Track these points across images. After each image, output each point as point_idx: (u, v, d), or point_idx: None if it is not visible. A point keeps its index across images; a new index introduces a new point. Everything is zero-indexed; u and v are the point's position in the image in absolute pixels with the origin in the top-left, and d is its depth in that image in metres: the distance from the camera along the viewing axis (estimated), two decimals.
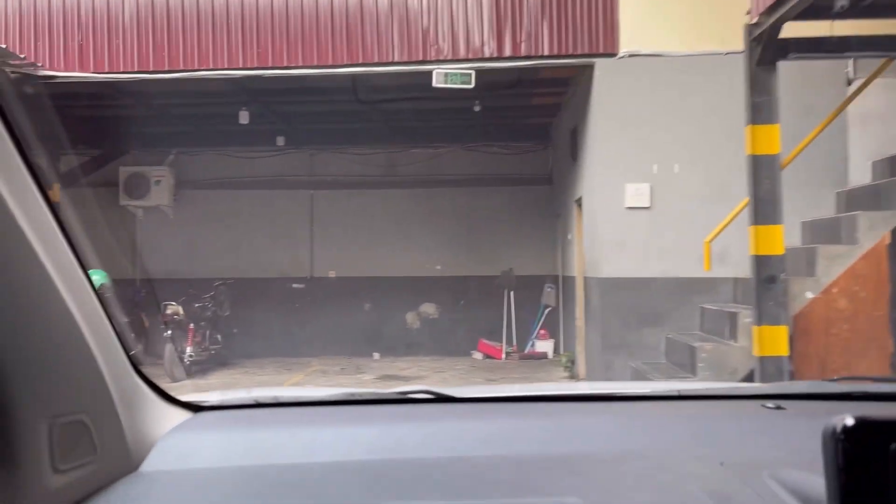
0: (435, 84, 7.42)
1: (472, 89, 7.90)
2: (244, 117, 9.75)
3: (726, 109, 7.08)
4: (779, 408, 1.37)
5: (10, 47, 7.69)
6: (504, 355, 11.37)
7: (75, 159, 11.35)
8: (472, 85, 7.52)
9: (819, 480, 0.74)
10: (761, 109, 5.70)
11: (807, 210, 6.82)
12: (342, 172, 12.24)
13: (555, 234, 11.63)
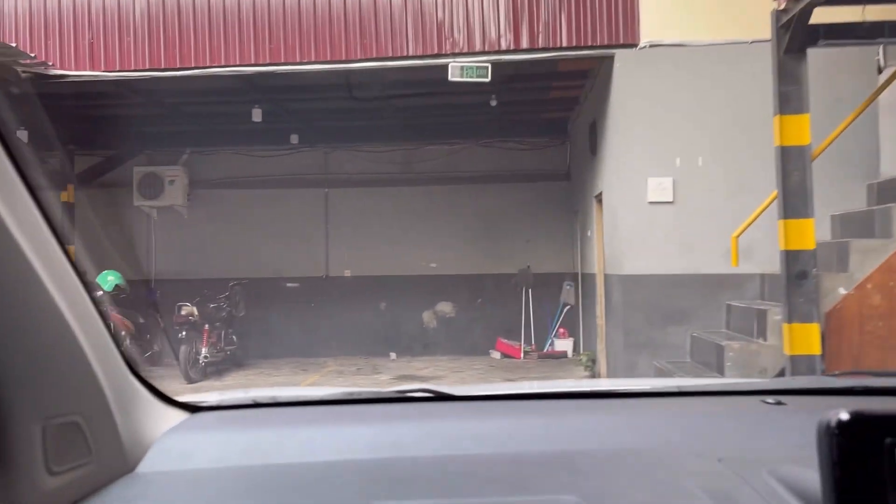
0: (451, 78, 7.26)
1: (489, 84, 7.73)
2: (257, 115, 9.65)
3: (751, 100, 6.90)
4: (779, 403, 1.36)
5: (20, 46, 7.59)
6: (523, 354, 11.20)
7: (89, 160, 11.32)
8: (489, 78, 7.35)
9: (818, 476, 0.74)
10: (790, 99, 5.54)
11: (836, 203, 6.61)
12: (357, 170, 12.12)
13: (573, 230, 11.44)
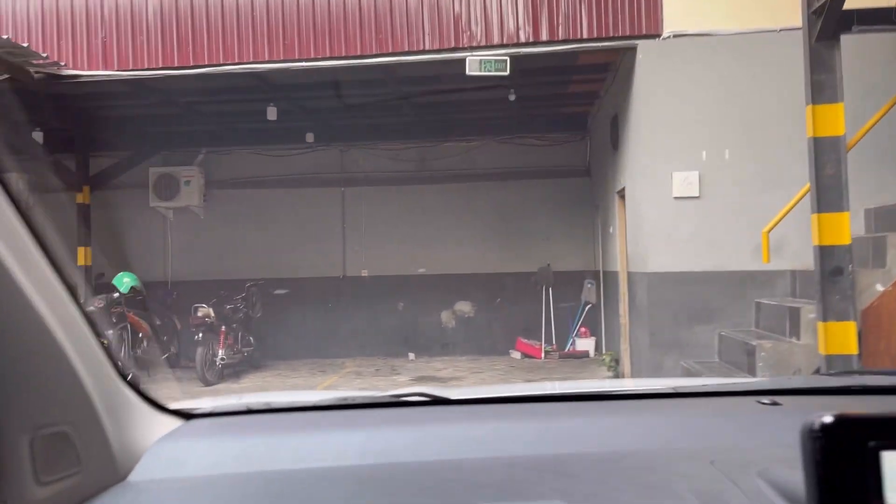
0: (469, 72, 7.08)
1: (507, 78, 7.55)
2: (272, 113, 9.52)
3: (780, 90, 6.67)
4: (774, 403, 1.34)
5: (32, 46, 7.50)
6: (543, 354, 11.00)
7: (105, 161, 11.26)
8: (508, 72, 7.16)
9: None
10: (823, 88, 5.33)
11: (870, 196, 6.36)
12: (373, 169, 11.97)
13: (594, 227, 11.22)
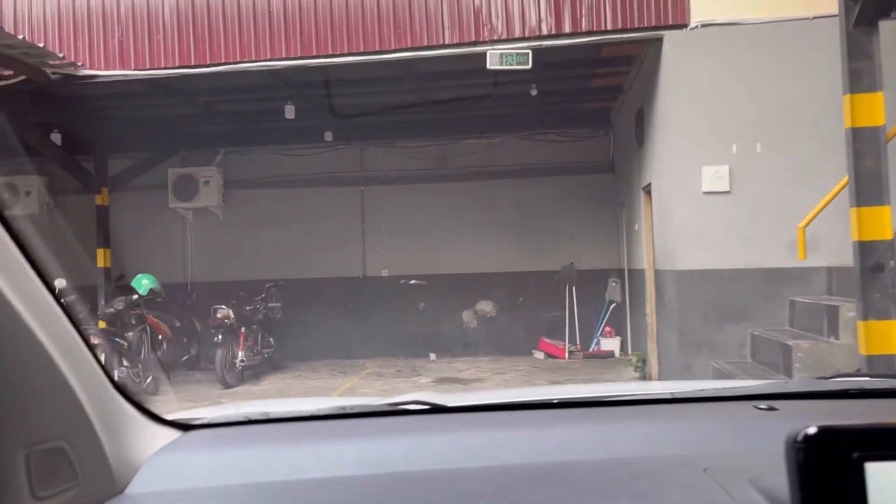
0: (490, 66, 6.90)
1: (528, 73, 7.37)
2: (290, 112, 9.40)
3: (814, 80, 6.43)
4: (771, 409, 1.33)
5: (48, 46, 7.43)
6: (567, 354, 10.79)
7: (123, 162, 11.22)
8: (529, 65, 6.96)
9: None
10: (861, 76, 5.09)
11: None
12: (392, 167, 11.83)
13: (618, 224, 11.00)
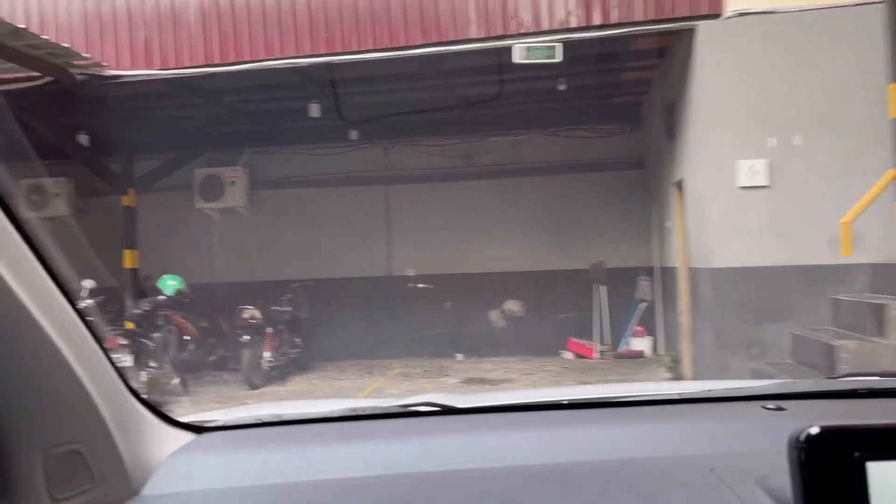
0: (517, 60, 6.75)
1: (556, 68, 7.22)
2: (315, 110, 9.32)
3: (855, 69, 6.19)
4: (779, 409, 1.32)
5: (74, 47, 7.41)
6: (597, 354, 10.60)
7: (150, 163, 11.22)
8: (557, 59, 6.80)
9: None
10: None
11: None
12: (418, 165, 11.72)
13: (649, 221, 10.77)
